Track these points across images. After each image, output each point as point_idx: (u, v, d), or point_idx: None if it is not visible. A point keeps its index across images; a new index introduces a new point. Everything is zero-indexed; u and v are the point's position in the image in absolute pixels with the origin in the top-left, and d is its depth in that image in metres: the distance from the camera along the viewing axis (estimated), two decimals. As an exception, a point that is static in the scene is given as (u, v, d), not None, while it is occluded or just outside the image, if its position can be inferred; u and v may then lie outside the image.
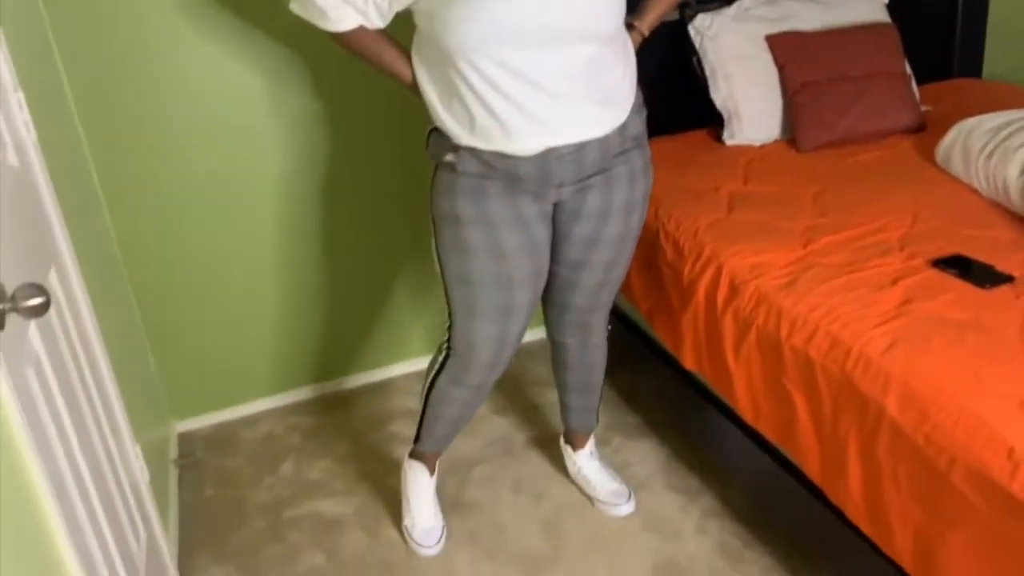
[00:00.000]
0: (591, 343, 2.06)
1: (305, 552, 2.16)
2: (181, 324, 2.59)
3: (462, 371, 1.90)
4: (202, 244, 2.51)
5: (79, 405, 1.56)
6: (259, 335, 2.70)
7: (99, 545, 1.47)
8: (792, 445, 1.73)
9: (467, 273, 1.75)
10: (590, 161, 1.69)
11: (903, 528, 1.44)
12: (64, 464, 1.38)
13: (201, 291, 2.57)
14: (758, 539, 2.01)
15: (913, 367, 1.45)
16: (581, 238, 1.81)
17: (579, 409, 2.19)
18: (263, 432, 2.69)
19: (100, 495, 1.56)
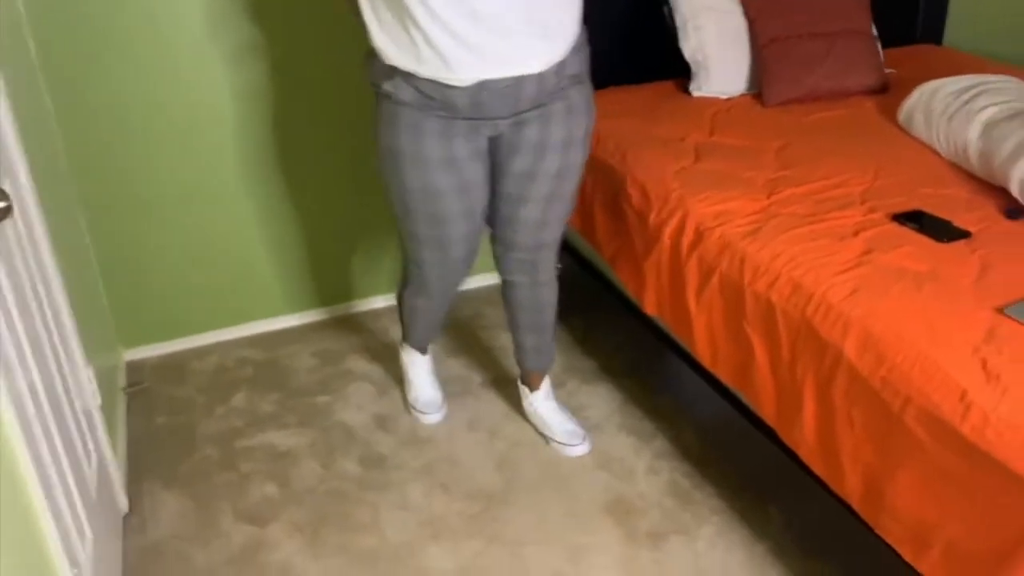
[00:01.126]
0: (539, 281, 2.07)
1: (257, 481, 2.15)
2: (132, 251, 2.53)
3: (419, 286, 2.05)
4: (155, 171, 2.44)
5: (34, 323, 1.52)
6: (211, 266, 2.65)
7: (53, 461, 1.44)
8: (748, 388, 1.77)
9: (404, 205, 1.85)
10: (526, 96, 1.70)
11: (854, 467, 1.49)
12: (20, 377, 1.34)
13: (153, 220, 2.50)
14: (708, 480, 2.06)
15: (872, 313, 1.49)
16: (519, 172, 1.83)
17: (532, 349, 2.20)
18: (214, 363, 2.65)
19: (54, 412, 1.53)
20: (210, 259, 2.63)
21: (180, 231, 2.55)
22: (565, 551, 1.89)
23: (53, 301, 1.74)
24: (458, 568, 1.86)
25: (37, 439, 1.36)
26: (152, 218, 2.50)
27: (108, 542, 1.80)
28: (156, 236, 2.53)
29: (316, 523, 2.00)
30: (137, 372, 2.62)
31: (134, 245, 2.52)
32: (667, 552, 1.87)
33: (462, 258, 1.96)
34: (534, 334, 2.18)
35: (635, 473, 2.11)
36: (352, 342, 2.71)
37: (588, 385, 2.46)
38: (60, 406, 1.60)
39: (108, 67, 2.26)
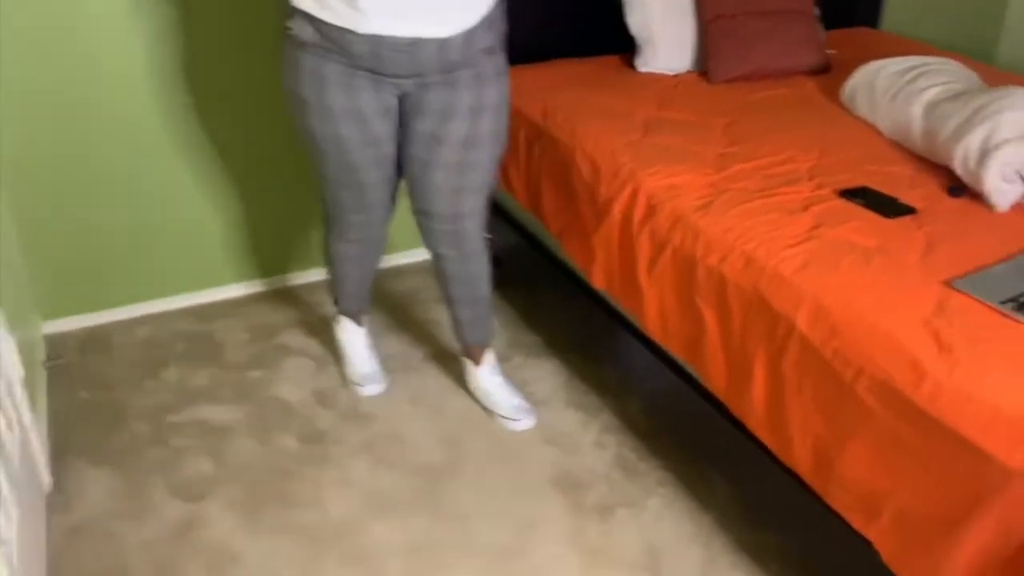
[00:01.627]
0: (467, 253, 2.03)
1: (190, 457, 2.07)
2: (54, 219, 2.39)
3: (342, 229, 2.04)
4: (81, 135, 2.31)
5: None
6: (140, 235, 2.53)
7: (-26, 433, 1.34)
8: (698, 361, 1.77)
9: (315, 150, 1.86)
10: (426, 60, 1.70)
11: (803, 438, 1.50)
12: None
13: (78, 186, 2.38)
14: (655, 453, 2.07)
15: (824, 285, 1.50)
16: (423, 135, 1.83)
17: (469, 323, 2.17)
18: (142, 337, 2.54)
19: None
20: (138, 228, 2.51)
21: (107, 198, 2.43)
22: (513, 525, 1.87)
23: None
24: (405, 544, 1.82)
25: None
26: (77, 184, 2.37)
27: (32, 521, 1.71)
28: (81, 203, 2.40)
29: (254, 500, 1.94)
30: (58, 346, 2.49)
31: (56, 212, 2.39)
32: (614, 524, 1.87)
33: (379, 202, 1.96)
34: (469, 307, 2.14)
35: (581, 447, 2.10)
36: (288, 316, 2.63)
37: (533, 360, 2.44)
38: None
39: (24, 28, 2.12)
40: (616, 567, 1.75)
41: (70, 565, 1.76)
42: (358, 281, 2.21)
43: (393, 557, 1.79)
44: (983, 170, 1.75)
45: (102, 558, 1.78)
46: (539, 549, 1.80)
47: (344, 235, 2.05)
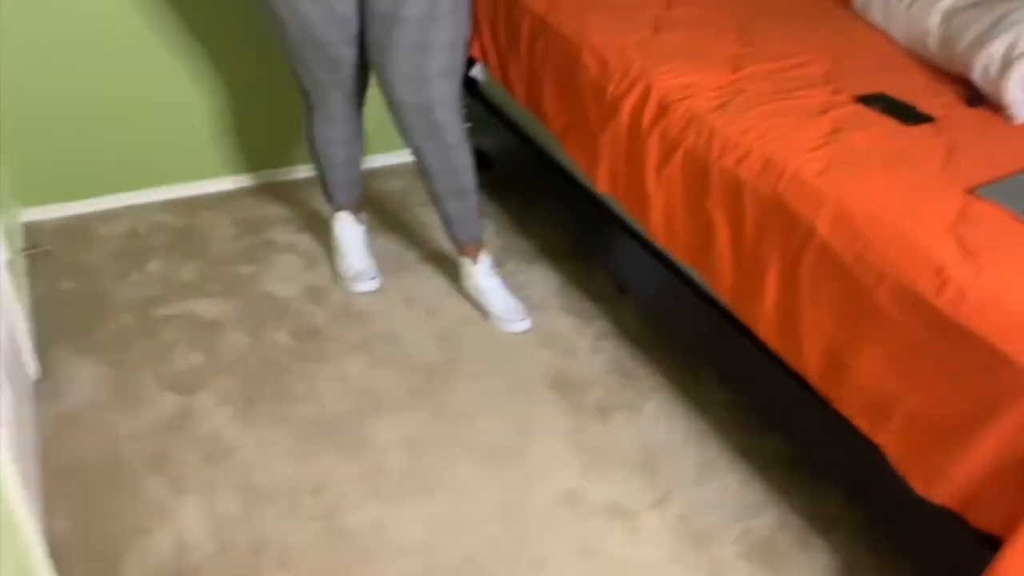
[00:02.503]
0: (446, 144, 1.98)
1: (181, 350, 2.03)
2: (30, 102, 2.27)
3: (321, 109, 2.01)
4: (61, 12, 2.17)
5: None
6: (121, 123, 2.42)
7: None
8: (704, 266, 1.75)
9: (282, 32, 1.85)
10: None
11: (814, 343, 1.50)
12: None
13: (57, 67, 2.25)
14: (651, 358, 2.07)
15: (847, 189, 1.48)
16: (380, 15, 1.79)
17: (458, 218, 2.12)
18: (124, 228, 2.46)
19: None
20: (119, 113, 2.40)
21: (87, 82, 2.31)
22: (511, 424, 1.87)
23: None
24: (403, 440, 1.81)
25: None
26: (56, 65, 2.25)
27: (20, 407, 1.66)
28: (60, 86, 2.28)
29: (248, 393, 1.91)
30: (36, 235, 2.40)
31: (33, 95, 2.27)
32: (612, 425, 1.88)
33: (352, 76, 1.95)
34: (455, 202, 2.09)
35: (577, 351, 2.09)
36: (276, 211, 2.56)
37: (526, 266, 2.40)
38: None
39: None
40: (615, 466, 1.77)
41: (61, 453, 1.73)
42: (345, 169, 2.17)
43: (393, 451, 1.78)
44: (1005, 80, 1.72)
45: (94, 447, 1.75)
46: (538, 448, 1.81)
47: (323, 115, 2.03)
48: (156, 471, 1.70)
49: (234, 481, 1.68)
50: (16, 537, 1.25)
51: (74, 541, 1.55)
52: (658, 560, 1.57)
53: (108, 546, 1.54)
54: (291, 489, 1.68)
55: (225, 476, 1.69)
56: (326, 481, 1.70)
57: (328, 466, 1.73)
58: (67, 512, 1.61)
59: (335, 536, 1.58)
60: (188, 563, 1.52)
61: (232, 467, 1.71)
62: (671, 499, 1.70)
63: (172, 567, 1.51)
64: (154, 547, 1.54)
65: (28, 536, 1.28)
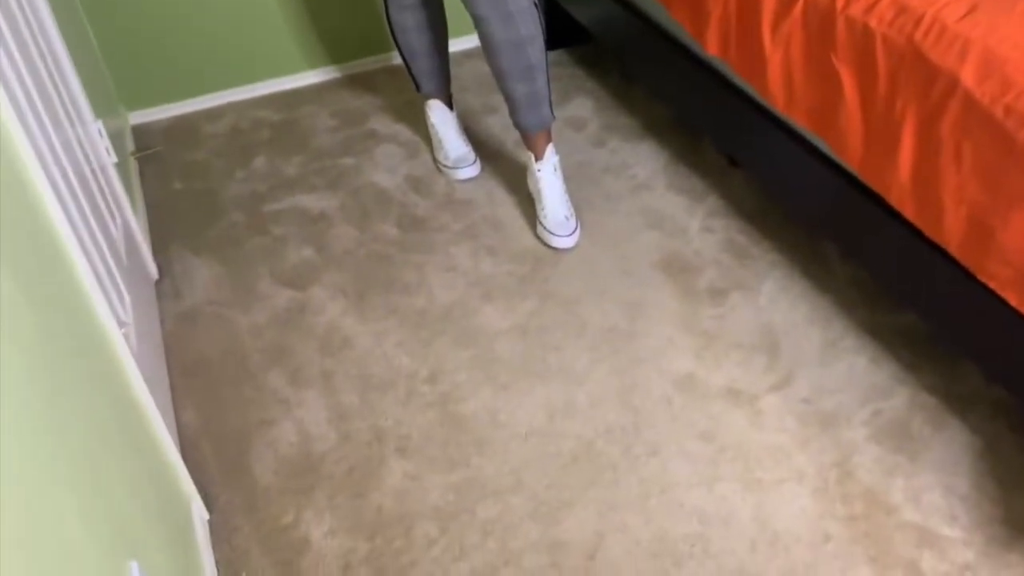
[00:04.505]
0: (509, 10, 1.79)
1: (292, 245, 2.05)
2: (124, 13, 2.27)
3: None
4: None
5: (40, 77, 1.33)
6: (214, 21, 2.40)
7: (80, 217, 1.31)
8: (830, 131, 1.61)
9: None
10: None
11: (956, 209, 1.36)
12: (38, 134, 1.18)
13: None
14: (767, 236, 1.96)
15: (996, 32, 1.30)
16: None
17: (524, 100, 1.92)
18: (228, 125, 2.48)
19: (75, 170, 1.38)
20: (212, 13, 2.37)
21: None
22: (621, 307, 1.81)
23: (56, 57, 1.54)
24: (514, 326, 1.79)
25: (62, 194, 1.23)
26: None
27: (144, 307, 1.72)
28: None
29: (360, 285, 1.92)
30: (145, 137, 2.45)
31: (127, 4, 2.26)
32: (727, 307, 1.80)
33: None
34: (520, 82, 1.89)
35: (688, 231, 2.00)
36: (374, 102, 2.52)
37: (630, 143, 2.29)
38: (79, 164, 1.45)
39: None
40: (731, 349, 1.70)
41: (185, 349, 1.80)
42: (428, 55, 2.12)
43: (504, 338, 1.76)
44: None
45: (216, 342, 1.81)
46: (651, 331, 1.75)
47: (396, 2, 2.00)
48: (276, 364, 1.74)
49: (351, 371, 1.71)
50: (148, 431, 1.30)
51: (203, 433, 1.62)
52: (781, 444, 1.51)
53: (235, 437, 1.60)
54: (407, 377, 1.69)
55: (342, 367, 1.72)
56: (440, 369, 1.70)
57: (441, 354, 1.73)
58: (194, 406, 1.68)
59: (452, 422, 1.60)
60: (312, 452, 1.56)
61: (348, 358, 1.74)
62: (793, 381, 1.62)
63: (297, 455, 1.56)
64: (279, 437, 1.60)
65: (159, 430, 1.33)
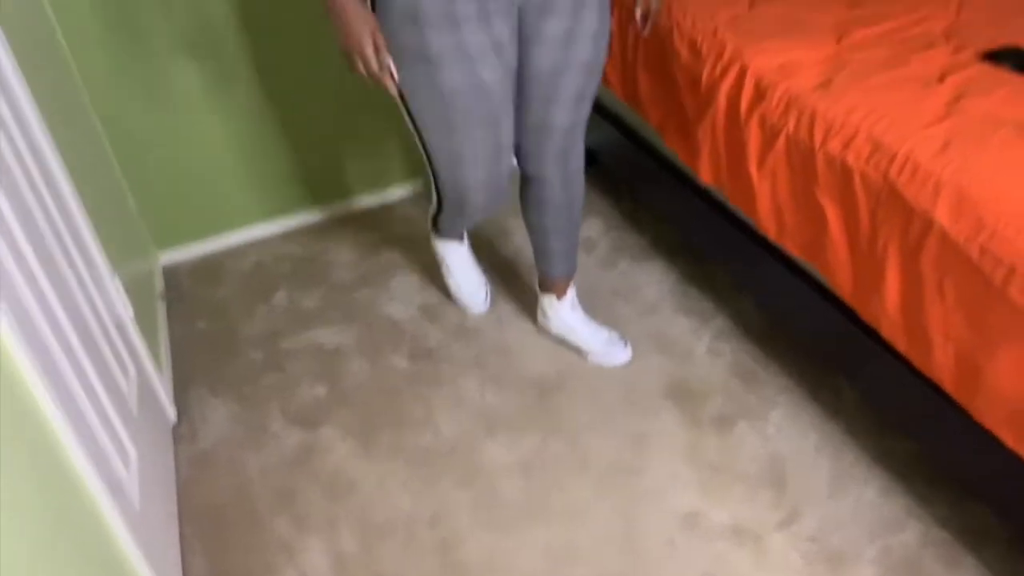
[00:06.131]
0: (571, 171, 1.83)
1: (306, 381, 2.09)
2: (155, 154, 2.40)
3: (459, 213, 1.87)
4: (166, 70, 2.28)
5: (44, 240, 1.42)
6: (239, 163, 2.52)
7: (81, 386, 1.36)
8: (820, 261, 1.61)
9: (448, 120, 1.56)
10: None
11: (944, 345, 1.35)
12: (32, 303, 1.25)
13: (174, 118, 2.36)
14: (774, 359, 1.94)
15: (968, 171, 1.31)
16: (554, 37, 1.57)
17: (562, 253, 1.97)
18: (252, 262, 2.57)
19: (79, 333, 1.45)
20: (239, 158, 2.50)
21: (201, 127, 2.42)
22: (626, 439, 1.80)
23: (68, 216, 1.64)
24: (518, 462, 1.79)
25: (59, 367, 1.29)
26: (177, 124, 2.37)
27: (157, 455, 1.77)
28: (177, 133, 2.40)
29: (369, 423, 1.94)
30: (174, 276, 2.55)
31: (154, 144, 2.40)
32: (734, 437, 1.77)
33: (510, 164, 1.73)
34: (563, 238, 1.94)
35: (695, 355, 1.99)
36: (391, 232, 2.59)
37: (639, 264, 2.32)
38: (85, 324, 1.52)
39: None
40: (738, 483, 1.67)
41: (197, 493, 1.83)
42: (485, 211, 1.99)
43: (507, 476, 1.76)
44: None
45: (227, 486, 1.84)
46: (655, 465, 1.73)
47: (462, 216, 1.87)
48: (283, 509, 1.76)
49: (354, 517, 1.72)
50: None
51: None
52: (788, 585, 1.47)
53: (242, 585, 1.61)
54: (408, 521, 1.69)
55: (346, 513, 1.73)
56: (441, 511, 1.70)
57: (443, 495, 1.74)
58: (203, 551, 1.70)
59: (452, 569, 1.59)
60: (314, 600, 1.56)
61: (352, 503, 1.75)
62: (800, 517, 1.58)
63: (300, 605, 1.56)
64: (283, 585, 1.60)
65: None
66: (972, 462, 1.46)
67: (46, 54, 1.92)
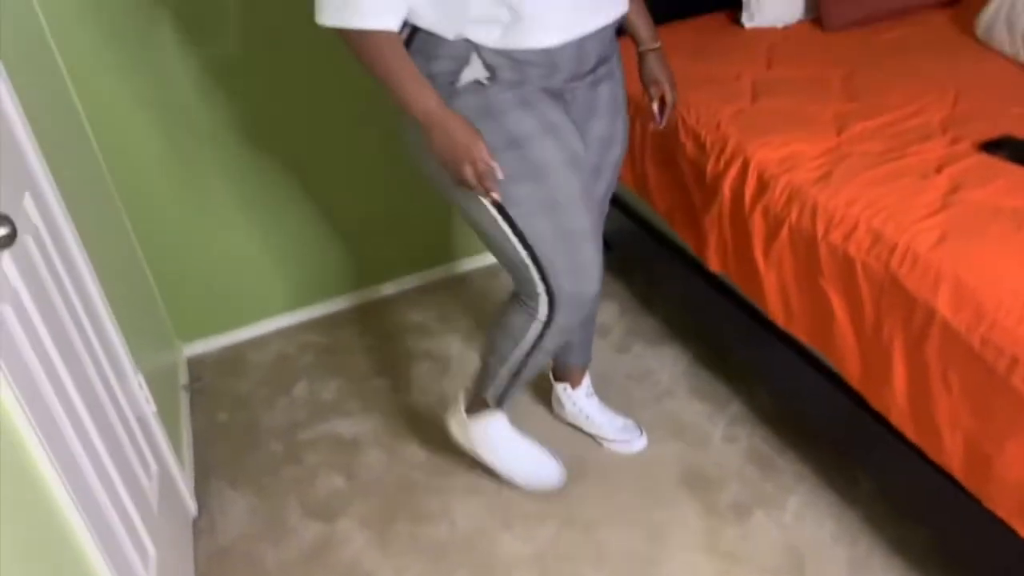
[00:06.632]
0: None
1: (323, 474, 2.11)
2: (183, 249, 2.49)
3: (573, 313, 1.59)
4: (191, 165, 2.38)
5: (70, 340, 1.47)
6: (264, 255, 2.60)
7: (102, 484, 1.40)
8: (829, 349, 1.63)
9: (552, 196, 1.46)
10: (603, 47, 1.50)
11: (953, 434, 1.35)
12: (55, 402, 1.29)
13: (201, 216, 2.45)
14: (790, 445, 1.94)
15: (966, 261, 1.34)
16: (598, 138, 1.61)
17: (580, 343, 1.98)
18: (274, 353, 2.62)
19: (101, 432, 1.49)
20: (261, 243, 2.58)
21: (226, 222, 2.50)
22: (642, 530, 1.79)
23: (93, 313, 1.69)
24: (533, 554, 1.78)
25: (80, 467, 1.32)
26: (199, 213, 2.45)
27: (176, 551, 1.78)
28: (204, 229, 2.48)
29: (385, 516, 1.95)
30: (198, 368, 2.60)
31: (182, 239, 2.48)
32: (751, 526, 1.76)
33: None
34: (584, 328, 1.94)
35: (710, 441, 2.00)
36: (410, 320, 2.64)
37: (653, 347, 2.34)
38: (108, 422, 1.56)
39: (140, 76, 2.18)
40: (756, 573, 1.65)
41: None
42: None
43: (522, 569, 1.75)
44: None
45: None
46: (672, 556, 1.72)
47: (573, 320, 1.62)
48: (300, 604, 1.76)
49: (371, 610, 1.72)
50: None
51: None
52: None
53: None
54: (425, 616, 1.69)
55: (362, 606, 1.73)
56: (458, 606, 1.69)
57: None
58: (222, 650, 1.69)
59: (468, 666, 1.57)
60: None
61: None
62: (820, 608, 1.56)
63: None
64: None
65: None
66: (988, 551, 1.45)
67: (75, 147, 2.01)
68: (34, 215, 1.47)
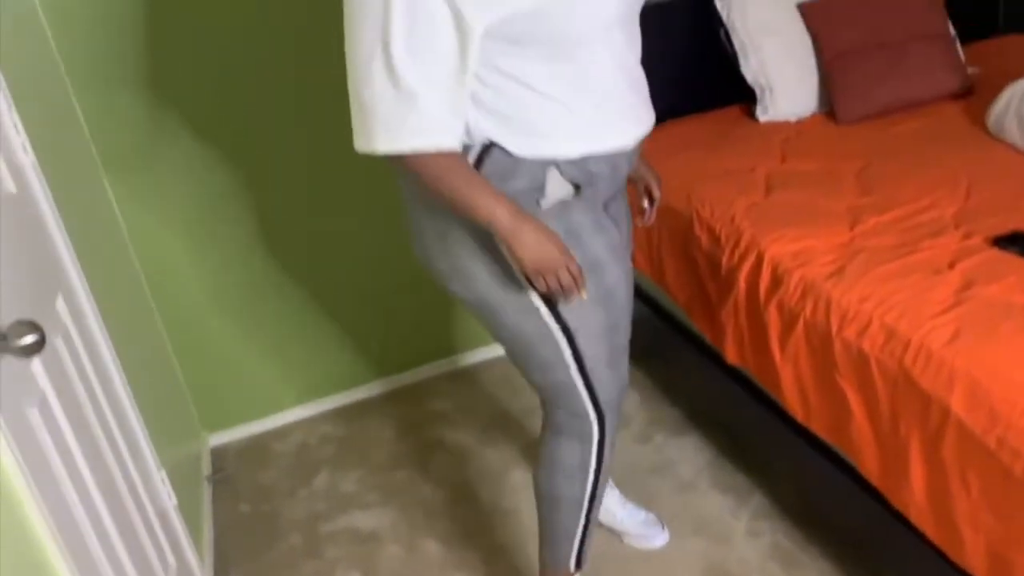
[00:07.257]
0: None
1: (341, 568, 2.10)
2: (207, 338, 2.54)
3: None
4: (221, 255, 2.45)
5: (94, 438, 1.50)
6: (289, 346, 2.64)
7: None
8: (847, 445, 1.61)
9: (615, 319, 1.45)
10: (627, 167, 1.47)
11: (974, 536, 1.32)
12: (75, 500, 1.31)
13: (223, 304, 2.51)
14: (813, 541, 1.90)
15: (980, 360, 1.33)
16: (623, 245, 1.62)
17: None
18: (296, 443, 2.63)
19: (120, 529, 1.50)
20: (286, 338, 2.62)
21: (251, 314, 2.56)
22: (664, 631, 1.76)
23: (120, 411, 1.73)
24: (550, 657, 1.75)
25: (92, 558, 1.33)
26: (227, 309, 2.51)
27: (193, 649, 1.77)
28: (225, 319, 2.54)
29: (402, 613, 1.93)
30: (221, 458, 2.62)
31: (208, 332, 2.53)
32: (776, 627, 1.72)
33: None
34: None
35: (734, 536, 1.96)
36: (431, 409, 2.65)
37: (675, 438, 2.32)
38: (128, 520, 1.58)
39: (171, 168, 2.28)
40: (781, 677, 1.60)
41: None
42: None
43: (540, 672, 1.72)
44: None
45: None
46: (694, 659, 1.68)
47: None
48: None
49: None
50: None
51: None
52: None
53: None
54: None
55: None
56: None
57: None
58: None
59: None
60: None
61: None
62: None
63: None
64: None
65: None
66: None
67: (107, 242, 2.08)
68: (65, 316, 1.52)
